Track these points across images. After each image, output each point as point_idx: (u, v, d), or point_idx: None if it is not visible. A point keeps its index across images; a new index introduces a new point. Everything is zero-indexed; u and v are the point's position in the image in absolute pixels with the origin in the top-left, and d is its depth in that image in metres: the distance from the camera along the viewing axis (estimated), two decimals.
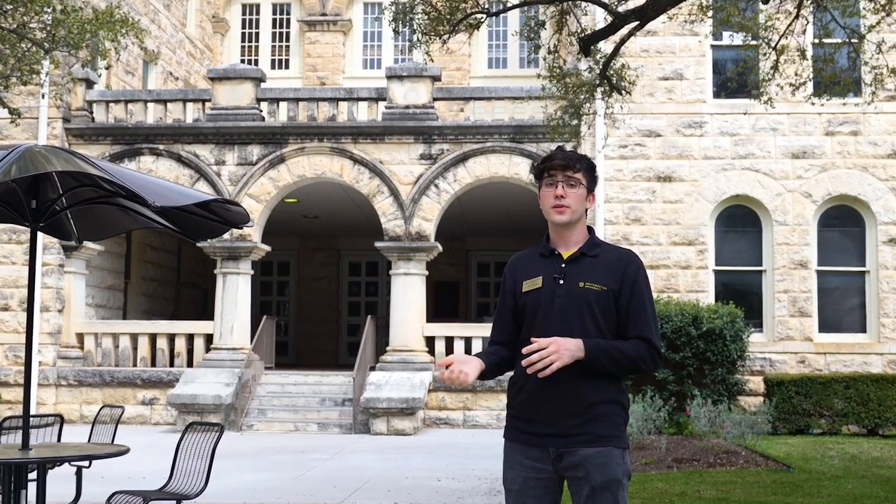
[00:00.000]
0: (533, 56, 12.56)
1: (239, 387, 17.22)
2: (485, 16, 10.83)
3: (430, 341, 18.26)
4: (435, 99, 18.53)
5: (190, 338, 18.72)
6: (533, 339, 3.59)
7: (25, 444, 6.33)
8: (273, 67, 25.68)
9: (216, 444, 6.73)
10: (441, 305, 24.84)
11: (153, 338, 18.71)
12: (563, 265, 3.77)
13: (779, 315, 17.04)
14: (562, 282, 3.73)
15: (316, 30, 25.48)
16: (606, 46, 13.48)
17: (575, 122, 13.37)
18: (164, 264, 23.42)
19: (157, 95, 19.20)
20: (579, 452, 3.62)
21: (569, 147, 15.05)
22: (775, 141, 17.39)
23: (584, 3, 11.94)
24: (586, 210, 3.88)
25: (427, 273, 18.41)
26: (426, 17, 10.76)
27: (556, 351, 3.54)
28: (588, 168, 3.85)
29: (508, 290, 3.88)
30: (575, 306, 3.69)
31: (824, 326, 17.18)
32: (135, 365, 18.51)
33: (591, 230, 3.90)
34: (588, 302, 3.69)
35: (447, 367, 3.64)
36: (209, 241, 17.60)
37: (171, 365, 18.54)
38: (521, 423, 3.74)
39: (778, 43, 11.60)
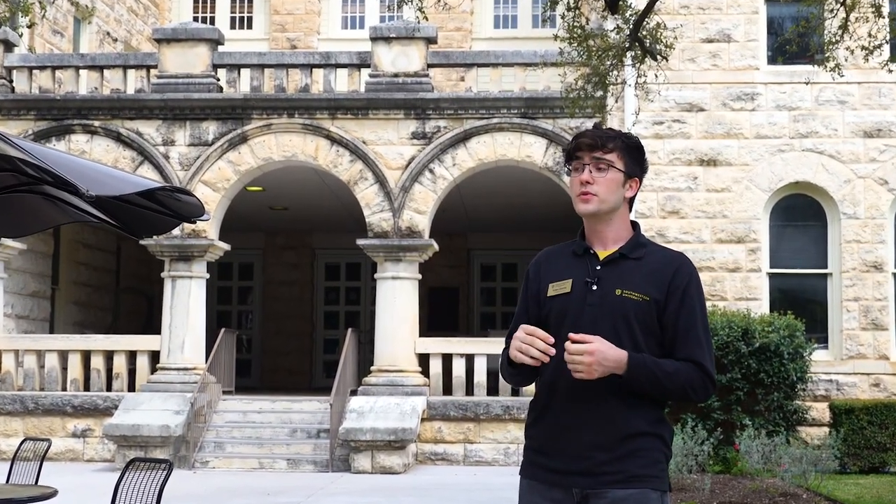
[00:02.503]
0: (549, 13, 12.53)
1: (191, 415, 17.20)
2: None
3: (423, 359, 18.25)
4: (430, 65, 18.52)
5: (132, 355, 18.69)
6: (572, 337, 3.55)
7: None
8: (233, 27, 25.66)
9: (163, 485, 6.71)
10: (437, 316, 24.83)
11: (87, 355, 18.68)
12: (598, 267, 3.77)
13: (847, 328, 17.04)
14: (595, 287, 3.74)
15: None
16: (638, 1, 13.46)
17: (599, 93, 13.35)
18: (101, 266, 23.39)
19: (92, 60, 19.16)
20: (609, 494, 3.62)
21: (590, 124, 15.03)
22: (843, 116, 17.39)
23: None
24: (632, 200, 3.87)
25: (420, 277, 18.40)
26: None
27: (589, 363, 3.53)
28: (627, 147, 3.84)
29: (532, 293, 3.87)
30: (609, 318, 3.68)
31: None
32: (64, 389, 18.49)
33: (635, 226, 3.90)
34: (625, 314, 3.68)
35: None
36: (155, 238, 17.57)
37: (109, 389, 18.51)
38: (541, 456, 3.74)
39: None
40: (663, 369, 3.63)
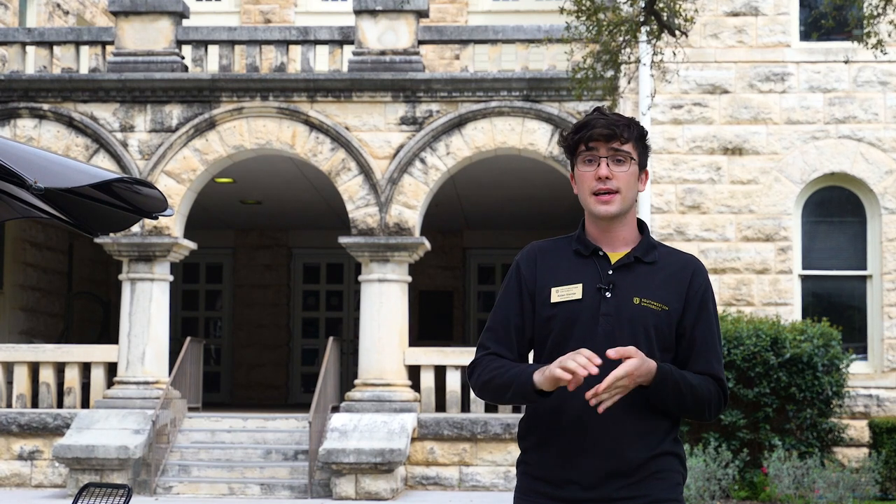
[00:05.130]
0: None
1: (153, 434, 17.20)
2: None
3: (413, 372, 18.26)
4: (421, 42, 18.53)
5: (86, 368, 18.68)
6: (611, 355, 3.52)
7: None
8: None
9: None
10: (429, 323, 24.85)
11: (35, 368, 18.66)
12: (611, 272, 3.77)
13: (890, 337, 17.07)
14: (609, 294, 3.73)
15: None
16: None
17: (610, 73, 13.38)
18: (51, 268, 23.37)
19: (40, 36, 19.13)
20: None
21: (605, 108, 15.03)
22: (885, 99, 17.42)
23: None
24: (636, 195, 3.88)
25: (410, 279, 18.41)
26: None
27: (626, 386, 3.51)
28: (640, 136, 3.84)
29: (528, 290, 3.83)
30: (627, 330, 3.69)
31: None
32: (9, 406, 18.47)
33: (643, 225, 3.90)
34: (644, 325, 3.70)
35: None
36: (112, 236, 17.57)
37: (60, 405, 18.50)
38: (547, 486, 3.74)
39: None
40: (688, 382, 3.65)
